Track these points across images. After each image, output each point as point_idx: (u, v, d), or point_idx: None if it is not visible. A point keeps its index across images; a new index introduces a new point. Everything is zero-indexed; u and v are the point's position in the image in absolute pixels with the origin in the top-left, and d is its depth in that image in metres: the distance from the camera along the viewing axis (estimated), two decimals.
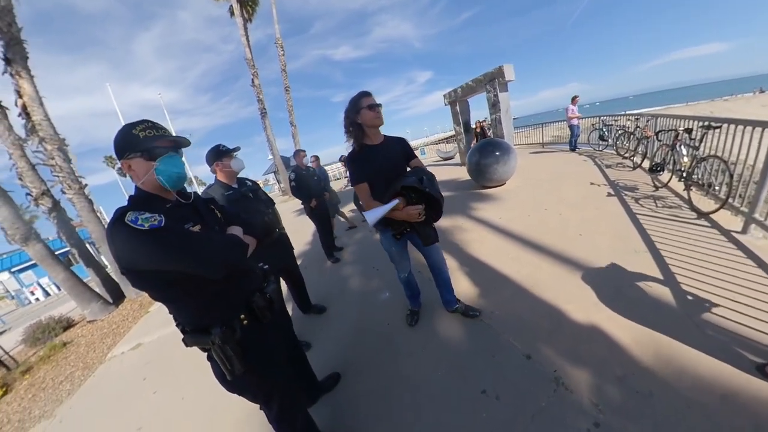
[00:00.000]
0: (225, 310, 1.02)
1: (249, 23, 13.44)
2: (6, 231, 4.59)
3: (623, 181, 4.31)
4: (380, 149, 1.64)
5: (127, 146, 0.91)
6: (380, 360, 1.96)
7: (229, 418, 1.88)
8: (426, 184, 1.52)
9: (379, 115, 1.55)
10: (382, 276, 3.14)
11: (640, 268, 2.17)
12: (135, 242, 0.81)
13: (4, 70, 5.09)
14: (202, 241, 0.91)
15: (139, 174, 0.93)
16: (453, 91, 9.10)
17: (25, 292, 15.22)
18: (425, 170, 1.63)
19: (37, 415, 2.76)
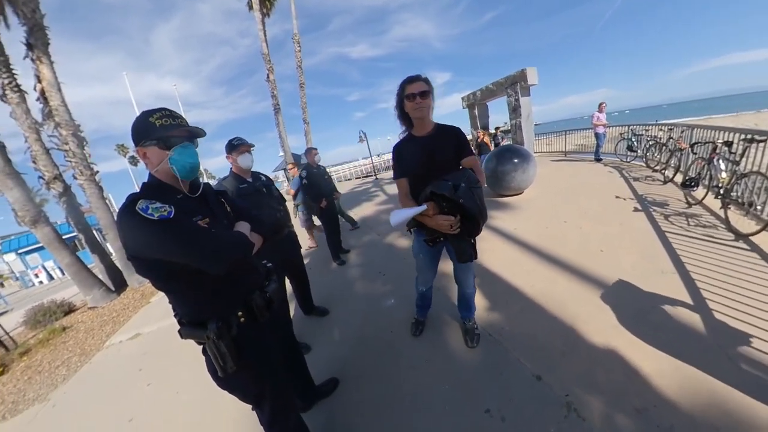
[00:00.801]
0: (223, 305, 1.04)
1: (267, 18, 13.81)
2: (17, 212, 4.81)
3: (652, 195, 4.17)
4: (425, 141, 1.52)
5: (143, 133, 0.94)
6: (381, 369, 1.95)
7: (221, 417, 1.90)
8: (461, 193, 1.31)
9: (419, 105, 1.43)
10: (389, 282, 3.13)
11: (666, 291, 2.09)
12: (143, 231, 0.84)
13: (25, 55, 5.38)
14: (209, 236, 0.93)
15: (154, 162, 0.95)
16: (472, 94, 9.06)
17: (29, 274, 15.90)
18: (469, 175, 1.42)
19: (31, 398, 2.86)
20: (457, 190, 1.32)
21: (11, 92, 5.31)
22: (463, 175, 1.40)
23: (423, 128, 1.54)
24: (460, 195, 1.31)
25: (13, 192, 4.73)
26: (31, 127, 5.53)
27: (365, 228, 5.68)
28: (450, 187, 1.33)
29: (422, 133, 1.54)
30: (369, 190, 10.84)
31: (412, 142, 1.54)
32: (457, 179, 1.37)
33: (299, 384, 1.69)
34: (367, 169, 21.21)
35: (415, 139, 1.54)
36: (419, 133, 1.55)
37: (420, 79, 1.44)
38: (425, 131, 1.54)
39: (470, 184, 1.36)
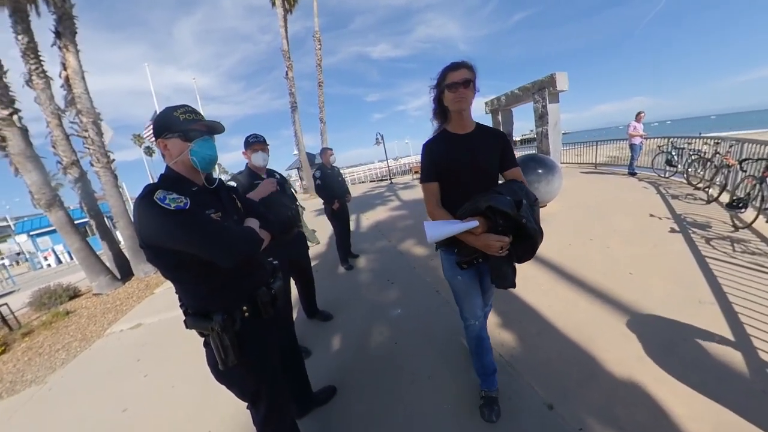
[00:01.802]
0: (229, 299, 1.09)
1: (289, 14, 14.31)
2: (33, 195, 5.13)
3: (692, 215, 3.98)
4: (465, 142, 1.33)
5: (166, 127, 1.02)
6: (381, 381, 1.93)
7: (215, 415, 1.93)
8: (524, 212, 1.16)
9: (461, 96, 1.24)
10: (396, 290, 3.12)
11: (703, 323, 1.97)
12: (159, 220, 0.91)
13: (53, 43, 5.79)
14: (221, 229, 0.99)
15: (173, 153, 1.03)
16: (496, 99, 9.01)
17: (39, 256, 16.81)
18: (526, 190, 1.26)
19: (29, 380, 3.00)
20: (520, 207, 1.15)
21: (37, 78, 5.71)
22: (519, 189, 1.25)
23: (462, 125, 1.34)
24: (524, 214, 1.15)
25: (32, 175, 5.05)
26: (53, 113, 5.92)
27: (377, 233, 5.70)
28: (511, 203, 1.15)
29: (461, 131, 1.35)
30: (383, 195, 10.89)
31: (450, 141, 1.35)
32: (516, 193, 1.21)
33: (296, 388, 1.70)
34: (382, 173, 21.34)
35: (452, 138, 1.35)
36: (458, 130, 1.35)
37: (464, 65, 1.25)
38: (465, 129, 1.35)
39: (531, 201, 1.22)
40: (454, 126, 1.36)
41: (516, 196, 1.19)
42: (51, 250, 16.72)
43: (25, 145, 4.98)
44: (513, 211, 1.13)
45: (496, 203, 1.14)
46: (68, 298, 5.59)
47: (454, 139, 1.35)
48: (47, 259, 16.59)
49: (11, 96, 4.91)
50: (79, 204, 6.39)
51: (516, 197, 1.19)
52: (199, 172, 1.07)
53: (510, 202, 1.16)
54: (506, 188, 1.26)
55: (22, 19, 5.49)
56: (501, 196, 1.18)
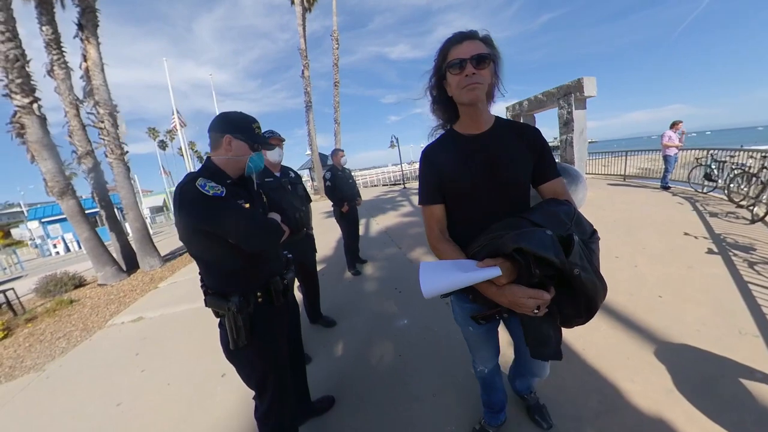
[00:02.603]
0: (246, 283, 1.23)
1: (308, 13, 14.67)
2: (47, 182, 5.38)
3: (733, 236, 3.78)
4: (480, 145, 0.99)
5: (241, 130, 1.23)
6: (383, 395, 1.90)
7: (209, 416, 1.94)
8: (576, 257, 0.76)
9: (471, 82, 0.88)
10: (404, 300, 3.09)
11: (744, 358, 1.84)
12: (197, 203, 1.08)
13: (75, 35, 6.12)
14: (250, 216, 1.16)
15: (234, 152, 1.22)
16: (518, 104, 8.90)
17: (48, 243, 17.58)
18: (577, 216, 0.89)
19: (28, 366, 3.11)
20: (569, 249, 0.75)
21: (59, 68, 6.04)
22: (566, 216, 0.86)
23: (476, 122, 0.99)
24: (575, 261, 0.75)
25: (47, 163, 5.30)
26: (72, 103, 6.23)
27: (387, 239, 5.69)
28: (553, 242, 0.75)
29: (474, 130, 1.00)
30: (395, 199, 10.89)
31: (457, 145, 1.01)
32: (557, 223, 0.83)
33: (295, 392, 1.69)
34: (396, 177, 21.39)
35: (461, 140, 1.01)
36: (469, 130, 1.00)
37: (474, 36, 0.91)
38: (480, 127, 0.99)
39: (586, 236, 0.85)
40: (463, 124, 1.01)
41: (561, 228, 0.80)
42: (61, 238, 17.46)
43: (43, 134, 5.24)
44: (557, 257, 0.73)
45: (528, 244, 0.74)
46: (73, 287, 5.80)
47: (464, 142, 1.00)
48: (56, 247, 17.32)
49: (32, 85, 5.19)
50: (90, 194, 6.67)
51: (561, 230, 0.79)
52: (238, 170, 1.26)
53: (551, 239, 0.75)
54: (545, 214, 0.87)
55: (47, 10, 5.83)
56: (537, 231, 0.78)
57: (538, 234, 0.77)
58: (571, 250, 0.75)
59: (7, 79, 4.89)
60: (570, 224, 0.84)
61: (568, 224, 0.84)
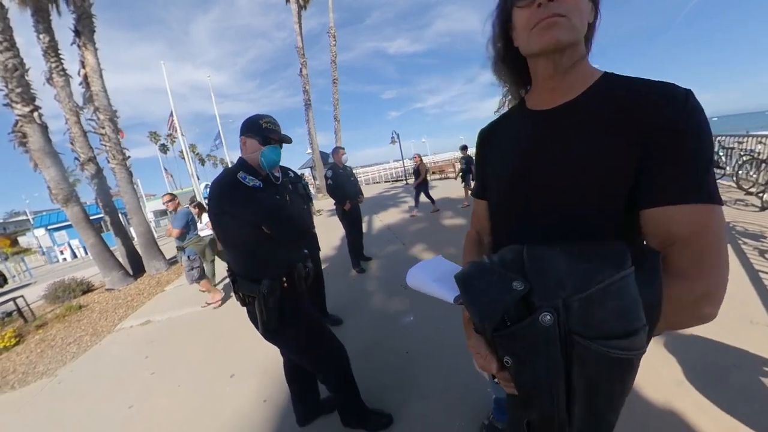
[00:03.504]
0: (274, 269, 1.34)
1: (303, 10, 14.57)
2: (51, 190, 5.41)
3: (743, 224, 3.74)
4: (542, 126, 0.63)
5: (251, 128, 1.33)
6: (388, 393, 1.90)
7: (219, 416, 1.96)
8: (509, 343, 0.47)
9: (548, 14, 0.54)
10: (409, 297, 3.09)
11: (755, 347, 1.83)
12: (238, 193, 1.21)
13: (72, 41, 6.12)
14: (285, 207, 1.30)
15: (248, 150, 1.34)
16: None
17: (55, 250, 17.76)
18: (623, 288, 0.40)
19: (40, 371, 3.15)
20: (631, 337, 0.39)
21: (57, 76, 6.05)
22: (595, 273, 0.42)
23: (551, 88, 0.62)
24: (506, 345, 0.48)
25: (50, 170, 5.33)
26: (72, 110, 6.25)
27: (390, 236, 5.69)
28: (494, 305, 0.46)
29: (545, 101, 0.64)
30: (398, 196, 10.88)
31: (513, 126, 0.71)
32: (555, 284, 0.44)
33: (306, 388, 1.73)
34: (397, 173, 21.31)
35: (522, 119, 0.69)
36: (539, 102, 0.65)
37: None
38: (555, 97, 0.62)
39: (596, 329, 0.41)
40: (534, 92, 0.67)
41: (549, 294, 0.43)
42: (67, 245, 17.60)
43: (45, 142, 5.26)
44: (483, 327, 0.48)
45: (464, 293, 0.50)
46: (81, 293, 5.85)
47: (524, 121, 0.67)
48: (63, 253, 17.48)
49: (32, 93, 5.20)
50: (95, 200, 6.71)
51: (547, 295, 0.43)
52: (259, 167, 1.34)
53: (497, 300, 0.46)
54: (566, 259, 0.46)
55: (43, 18, 5.83)
56: (496, 281, 0.48)
57: (491, 285, 0.47)
58: (519, 323, 0.44)
59: (7, 89, 4.91)
60: (654, 306, 0.41)
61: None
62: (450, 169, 15.09)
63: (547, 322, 0.42)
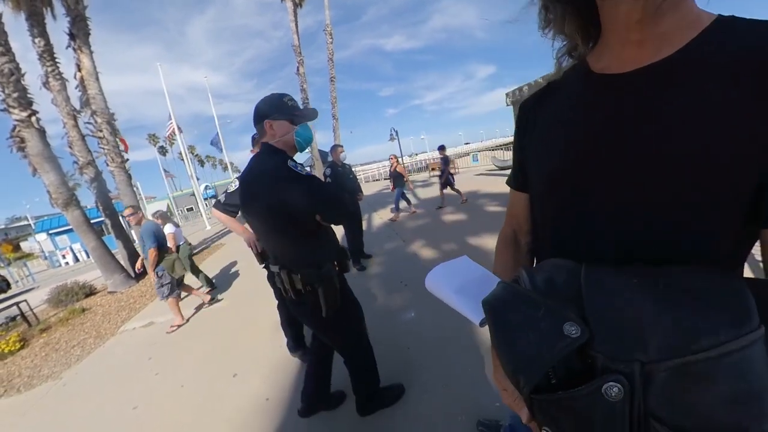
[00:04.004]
0: (328, 252, 1.36)
1: (299, 8, 14.48)
2: (51, 194, 5.43)
3: None
4: (643, 90, 0.40)
5: (275, 109, 1.24)
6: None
7: (223, 415, 1.98)
8: (553, 412, 0.33)
9: None
10: (410, 293, 3.09)
11: None
12: (292, 181, 1.19)
13: (68, 45, 6.11)
14: (335, 193, 1.32)
15: (278, 133, 1.25)
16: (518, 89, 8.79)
17: (57, 254, 17.84)
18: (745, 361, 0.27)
19: (45, 375, 3.17)
20: (571, 382, 0.31)
21: (53, 80, 6.04)
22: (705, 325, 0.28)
23: (651, 38, 0.39)
24: (548, 411, 0.34)
25: (49, 175, 5.34)
26: (69, 114, 6.25)
27: (390, 233, 5.69)
28: (541, 353, 0.32)
29: (644, 57, 0.40)
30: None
31: (591, 92, 0.46)
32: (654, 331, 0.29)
33: (320, 376, 1.77)
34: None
35: (602, 83, 0.44)
36: (613, 62, 0.43)
37: None
38: (659, 49, 0.39)
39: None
40: (604, 49, 0.45)
41: (633, 349, 0.29)
42: (69, 249, 17.68)
43: (43, 146, 5.27)
44: (521, 382, 0.33)
45: (499, 331, 0.37)
46: (84, 296, 5.89)
47: (599, 89, 0.45)
48: (65, 257, 17.56)
49: (29, 98, 5.20)
50: (95, 203, 6.73)
51: (632, 351, 0.29)
52: (292, 149, 1.30)
53: (552, 345, 0.32)
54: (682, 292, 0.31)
55: (38, 22, 5.81)
56: (554, 319, 0.33)
57: (532, 324, 0.34)
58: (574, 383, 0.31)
59: (4, 94, 4.91)
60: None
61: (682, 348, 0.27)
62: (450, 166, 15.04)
63: (614, 396, 0.28)
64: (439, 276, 0.59)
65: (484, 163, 15.75)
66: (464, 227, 5.00)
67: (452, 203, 6.98)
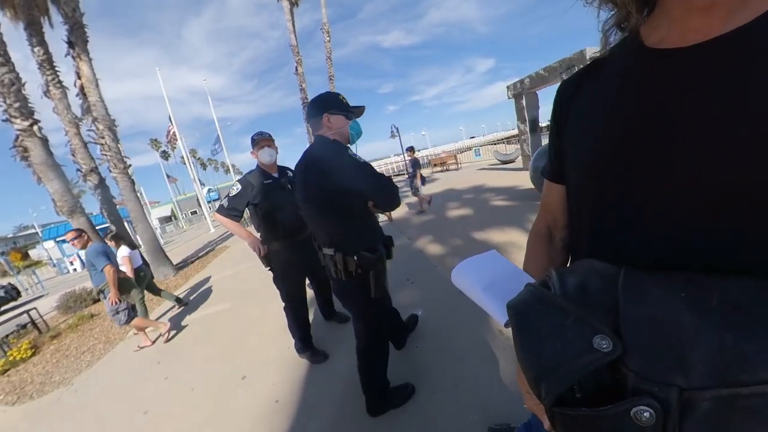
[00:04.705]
0: (379, 237, 1.50)
1: (296, 7, 14.41)
2: (56, 202, 5.47)
3: None
4: (712, 65, 0.32)
5: (334, 104, 1.37)
6: None
7: (233, 417, 1.98)
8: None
9: None
10: (416, 290, 3.08)
11: None
12: (354, 167, 1.28)
13: (66, 53, 6.13)
14: (388, 179, 1.40)
15: (334, 126, 1.36)
16: (519, 82, 8.70)
17: (65, 261, 18.05)
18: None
19: (57, 381, 3.21)
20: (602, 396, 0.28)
21: (54, 88, 6.07)
22: None
23: (722, 3, 0.31)
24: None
25: (54, 183, 5.38)
26: (71, 122, 6.28)
27: (394, 230, 5.67)
28: (579, 366, 0.29)
29: (713, 27, 0.32)
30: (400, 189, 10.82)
31: (647, 70, 0.38)
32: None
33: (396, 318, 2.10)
34: (398, 167, 21.23)
35: (658, 60, 0.37)
36: (692, 31, 0.33)
37: None
38: (732, 16, 0.31)
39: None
40: (671, 20, 0.35)
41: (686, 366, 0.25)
42: (76, 255, 17.87)
43: (46, 155, 5.31)
44: (543, 395, 0.30)
45: (538, 343, 0.33)
46: (92, 302, 5.94)
47: (655, 66, 0.37)
48: (73, 264, 17.75)
49: (30, 107, 5.23)
50: (99, 210, 6.78)
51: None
52: (346, 140, 1.41)
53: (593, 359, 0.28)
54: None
55: (36, 31, 5.84)
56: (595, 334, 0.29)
57: (558, 333, 0.31)
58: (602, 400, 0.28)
59: (6, 104, 4.94)
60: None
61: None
62: (451, 161, 14.99)
63: (645, 421, 0.25)
64: (466, 271, 0.55)
65: (486, 158, 15.66)
66: (469, 223, 4.97)
67: (454, 198, 6.94)
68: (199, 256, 8.60)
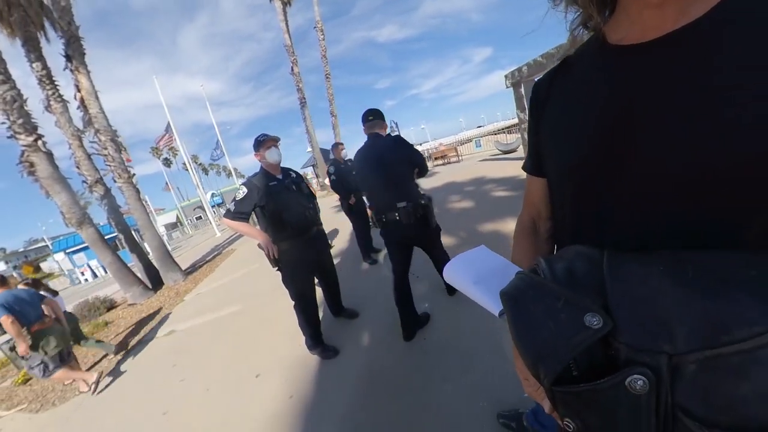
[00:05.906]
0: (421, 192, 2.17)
1: (288, 7, 14.34)
2: (64, 215, 5.56)
3: None
4: (665, 60, 0.35)
5: (383, 118, 2.22)
6: (412, 380, 1.94)
7: (248, 415, 2.04)
8: (576, 406, 0.33)
9: None
10: (423, 285, 3.11)
11: None
12: (411, 146, 2.17)
13: (65, 66, 6.18)
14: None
15: (386, 128, 2.24)
16: (517, 70, 8.61)
17: (76, 272, 18.34)
18: None
19: (77, 387, 3.29)
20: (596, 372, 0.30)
21: (55, 102, 6.13)
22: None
23: (657, 4, 0.34)
24: (571, 404, 0.33)
25: (61, 196, 5.47)
26: (74, 135, 6.36)
27: None
28: (572, 341, 0.31)
29: (666, 23, 0.35)
30: None
31: (608, 66, 0.41)
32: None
33: (410, 300, 2.37)
34: None
35: (617, 56, 0.40)
36: (648, 27, 0.36)
37: None
38: (683, 12, 0.34)
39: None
40: (629, 17, 0.38)
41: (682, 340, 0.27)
42: (87, 266, 18.16)
43: (52, 169, 5.38)
44: (541, 374, 0.33)
45: (518, 317, 0.37)
46: (106, 310, 6.07)
47: (615, 62, 0.40)
48: (84, 274, 18.05)
49: (33, 123, 5.30)
50: (107, 220, 6.88)
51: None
52: None
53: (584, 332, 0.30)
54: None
55: (34, 47, 5.89)
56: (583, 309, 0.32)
57: (551, 315, 0.33)
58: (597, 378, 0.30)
59: (9, 121, 5.01)
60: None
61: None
62: (452, 154, 14.93)
63: (639, 389, 0.27)
64: (457, 267, 0.58)
65: (487, 148, 15.56)
66: (471, 214, 4.97)
67: (456, 191, 6.93)
68: (207, 260, 8.70)
